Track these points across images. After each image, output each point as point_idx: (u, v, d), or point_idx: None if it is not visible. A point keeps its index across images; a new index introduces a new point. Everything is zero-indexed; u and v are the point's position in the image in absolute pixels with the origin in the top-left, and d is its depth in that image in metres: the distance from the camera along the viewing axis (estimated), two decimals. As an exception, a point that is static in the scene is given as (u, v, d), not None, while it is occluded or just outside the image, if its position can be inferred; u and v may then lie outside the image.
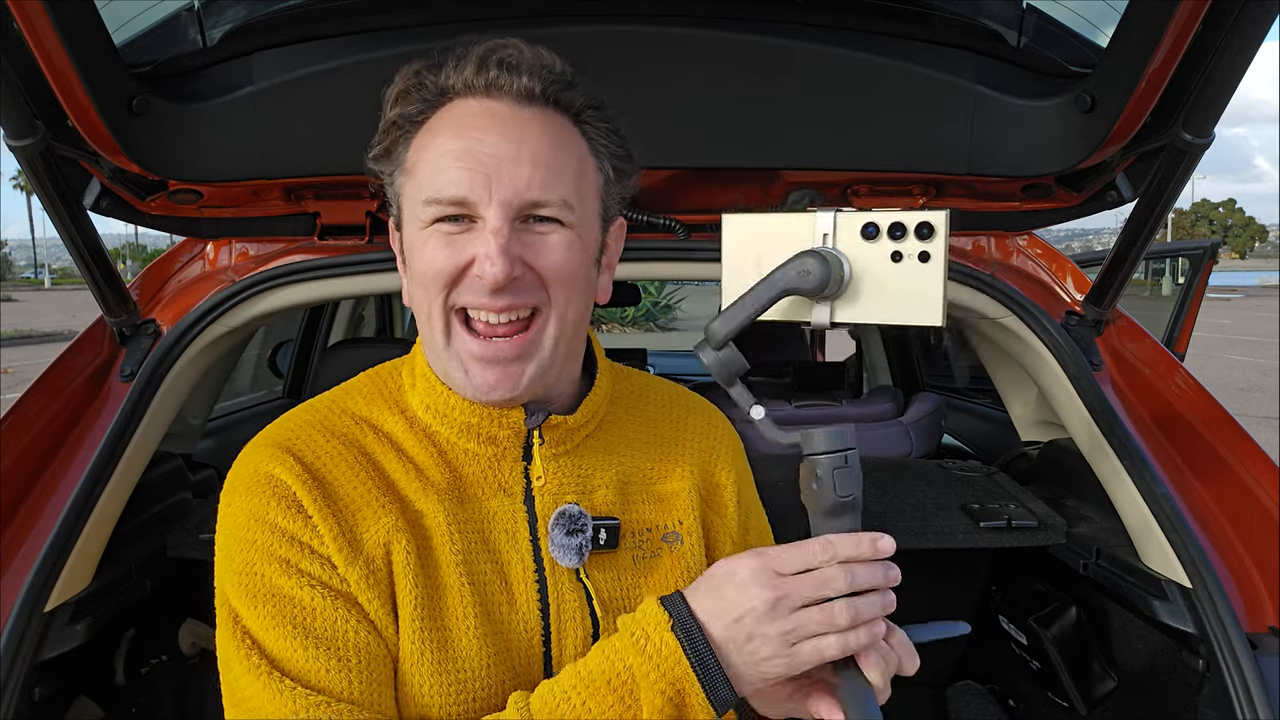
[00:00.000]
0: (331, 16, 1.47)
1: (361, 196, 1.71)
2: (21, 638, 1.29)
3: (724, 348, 0.91)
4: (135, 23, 1.39)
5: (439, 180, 0.90)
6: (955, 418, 2.98)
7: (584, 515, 0.98)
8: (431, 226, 0.91)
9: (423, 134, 0.94)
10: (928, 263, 0.88)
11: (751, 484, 1.20)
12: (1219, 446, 1.56)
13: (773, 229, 0.92)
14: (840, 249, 0.90)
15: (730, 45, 1.48)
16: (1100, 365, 1.65)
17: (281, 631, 0.86)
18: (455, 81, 0.92)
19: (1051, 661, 1.81)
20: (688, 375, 4.20)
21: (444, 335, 0.93)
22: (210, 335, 1.60)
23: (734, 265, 0.94)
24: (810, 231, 0.91)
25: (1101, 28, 1.43)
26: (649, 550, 1.04)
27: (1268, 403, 10.99)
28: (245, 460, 0.95)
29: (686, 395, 1.19)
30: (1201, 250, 3.52)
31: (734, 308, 0.91)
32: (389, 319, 4.17)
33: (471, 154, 0.89)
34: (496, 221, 0.89)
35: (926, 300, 0.89)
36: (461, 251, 0.90)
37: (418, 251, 0.93)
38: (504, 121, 0.91)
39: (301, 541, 0.89)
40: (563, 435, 1.01)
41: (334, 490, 0.93)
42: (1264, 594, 1.38)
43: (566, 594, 0.98)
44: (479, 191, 0.89)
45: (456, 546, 0.94)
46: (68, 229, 1.42)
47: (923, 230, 0.87)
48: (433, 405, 0.99)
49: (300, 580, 0.88)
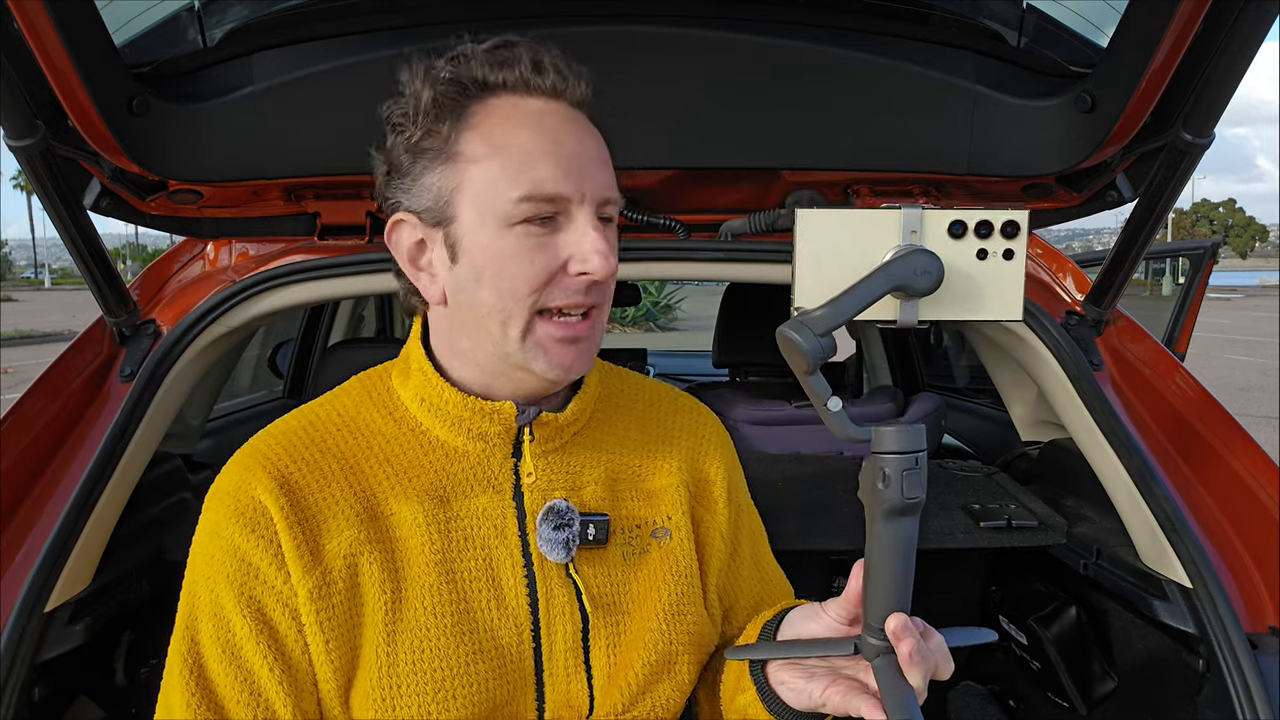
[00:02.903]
0: (331, 17, 1.47)
1: (361, 196, 1.71)
2: (21, 638, 1.29)
3: (826, 336, 0.88)
4: (135, 23, 1.39)
5: (533, 176, 0.90)
6: (955, 418, 2.98)
7: (571, 510, 0.99)
8: (518, 227, 0.91)
9: (481, 127, 0.93)
10: (1011, 260, 0.89)
11: (743, 484, 1.21)
12: (1219, 446, 1.56)
13: (854, 225, 0.91)
14: (927, 246, 0.89)
15: (730, 45, 1.48)
16: (1100, 365, 1.65)
17: (214, 650, 0.93)
18: (505, 77, 0.93)
19: (1051, 662, 1.81)
20: (688, 375, 4.21)
21: (522, 332, 0.94)
22: (210, 335, 1.59)
23: (810, 262, 0.91)
24: (896, 228, 0.89)
25: (1101, 28, 1.43)
26: (638, 547, 1.05)
27: (1268, 403, 10.99)
28: (225, 472, 0.99)
29: (675, 393, 1.20)
30: (1202, 250, 3.52)
31: (845, 297, 0.88)
32: (389, 319, 4.17)
33: (559, 153, 0.91)
34: (592, 218, 0.92)
35: (1007, 297, 0.90)
36: (555, 255, 0.92)
37: (500, 255, 0.92)
38: (573, 123, 0.94)
39: (254, 566, 0.93)
40: (552, 432, 1.02)
41: (305, 500, 0.95)
42: (1264, 594, 1.38)
43: (555, 589, 0.99)
44: (573, 187, 0.91)
45: (435, 546, 0.96)
46: (68, 229, 1.42)
47: (1008, 228, 0.88)
48: (427, 398, 1.00)
49: (240, 606, 0.93)
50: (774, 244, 1.66)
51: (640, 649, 1.02)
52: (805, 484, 1.92)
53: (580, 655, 1.01)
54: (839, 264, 0.90)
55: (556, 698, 1.00)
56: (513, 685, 0.98)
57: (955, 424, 2.96)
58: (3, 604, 1.31)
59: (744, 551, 1.18)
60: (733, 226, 1.75)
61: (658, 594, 1.04)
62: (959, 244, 0.89)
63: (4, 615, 1.30)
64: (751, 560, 1.19)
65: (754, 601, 1.18)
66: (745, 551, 1.18)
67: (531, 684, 0.99)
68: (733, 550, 1.16)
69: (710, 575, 1.12)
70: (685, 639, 1.05)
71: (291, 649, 0.93)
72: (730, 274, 1.71)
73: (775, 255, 1.64)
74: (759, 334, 2.64)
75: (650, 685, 1.02)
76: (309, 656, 0.93)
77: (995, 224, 0.88)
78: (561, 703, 1.00)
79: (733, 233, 1.75)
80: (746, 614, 1.17)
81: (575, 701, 1.00)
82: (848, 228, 0.90)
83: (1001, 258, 0.89)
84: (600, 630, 1.01)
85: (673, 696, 1.04)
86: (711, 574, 1.12)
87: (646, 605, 1.04)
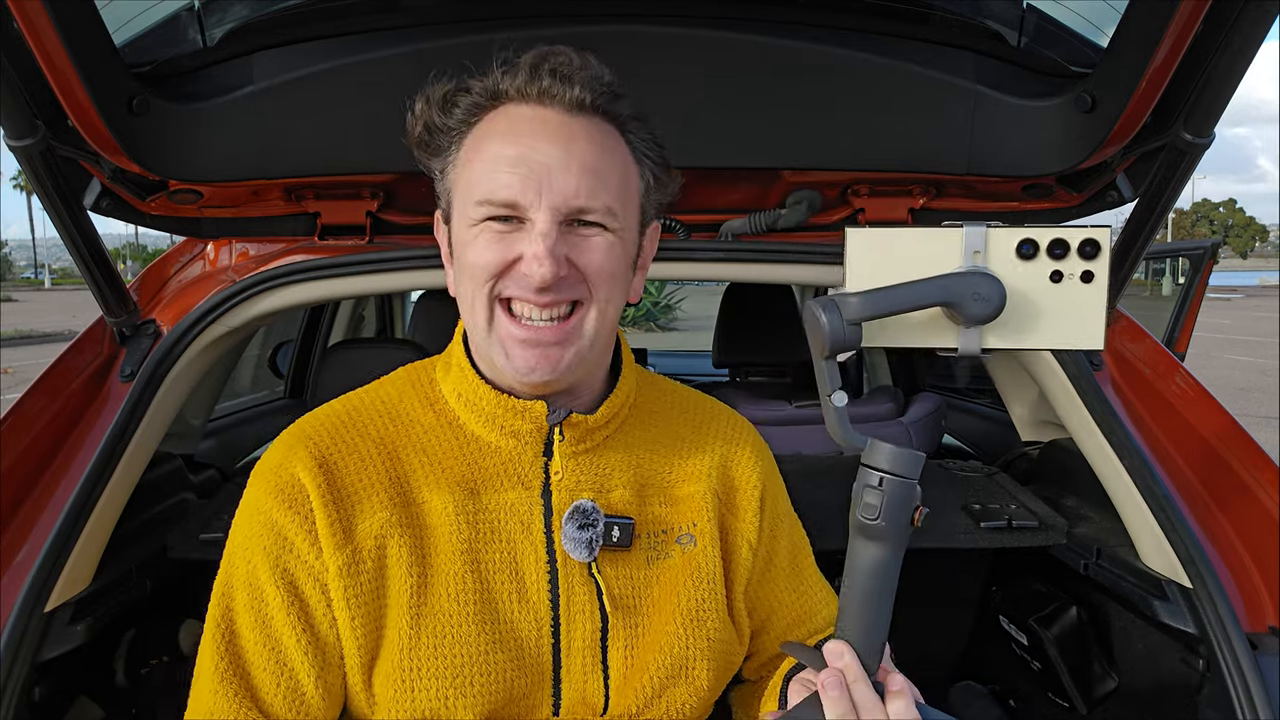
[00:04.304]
0: (331, 17, 1.47)
1: (361, 196, 1.71)
2: (21, 638, 1.29)
3: (854, 325, 0.82)
4: (135, 23, 1.40)
5: (492, 183, 0.93)
6: (955, 418, 2.98)
7: (596, 511, 1.01)
8: (482, 224, 0.95)
9: (475, 135, 0.97)
10: (1090, 283, 0.82)
11: (783, 494, 1.20)
12: (1219, 446, 1.56)
13: (909, 245, 0.83)
14: (992, 268, 0.82)
15: (730, 45, 1.48)
16: (1100, 365, 1.65)
17: (248, 618, 0.97)
18: (507, 86, 0.96)
19: (1052, 662, 1.81)
20: (688, 375, 4.20)
21: (487, 322, 0.97)
22: (210, 335, 1.59)
23: (861, 287, 0.83)
24: (958, 249, 0.82)
25: (1102, 28, 1.43)
26: (662, 551, 1.06)
27: (1268, 403, 10.99)
28: (270, 450, 1.03)
29: (712, 403, 1.20)
30: (1202, 250, 3.51)
31: (885, 293, 0.82)
32: (389, 319, 4.17)
33: (524, 160, 0.92)
34: (545, 225, 0.92)
35: (1087, 323, 0.82)
36: (510, 248, 0.94)
37: (467, 246, 0.96)
38: (554, 129, 0.94)
39: (289, 540, 0.97)
40: (583, 434, 1.04)
41: (341, 481, 0.99)
42: (1264, 594, 1.38)
43: (577, 587, 1.01)
44: (530, 196, 0.92)
45: (462, 536, 0.99)
46: (68, 229, 1.42)
47: (1087, 248, 0.81)
48: (464, 394, 1.04)
49: (274, 577, 0.97)
50: (774, 244, 1.66)
51: (657, 652, 1.02)
52: (806, 484, 1.92)
53: (598, 654, 1.01)
54: None
55: (573, 694, 1.01)
56: (530, 679, 0.99)
57: (955, 424, 2.96)
58: (3, 604, 1.31)
59: (780, 563, 1.17)
60: (733, 226, 1.75)
61: (677, 599, 1.04)
62: (1030, 265, 0.82)
63: (4, 615, 1.30)
64: (790, 571, 1.18)
65: (795, 615, 1.18)
66: (782, 563, 1.17)
67: (549, 679, 1.00)
68: (768, 561, 1.15)
69: (736, 584, 1.11)
70: (704, 645, 1.05)
71: (320, 622, 0.97)
72: (730, 274, 1.71)
73: (775, 255, 1.64)
74: (759, 334, 2.64)
75: (665, 688, 1.03)
76: (336, 631, 0.97)
77: (1072, 243, 0.81)
78: (577, 700, 1.01)
79: (733, 233, 1.75)
80: (785, 626, 1.17)
81: (591, 700, 1.01)
82: (902, 248, 0.83)
83: (1079, 280, 0.82)
84: (619, 631, 1.02)
85: (689, 701, 1.04)
86: (738, 582, 1.12)
87: (666, 609, 1.04)
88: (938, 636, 2.24)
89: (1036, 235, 0.82)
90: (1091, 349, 0.85)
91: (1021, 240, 0.82)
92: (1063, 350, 0.84)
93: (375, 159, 1.54)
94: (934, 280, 0.82)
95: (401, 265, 1.59)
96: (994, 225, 0.83)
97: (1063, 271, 0.82)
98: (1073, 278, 0.82)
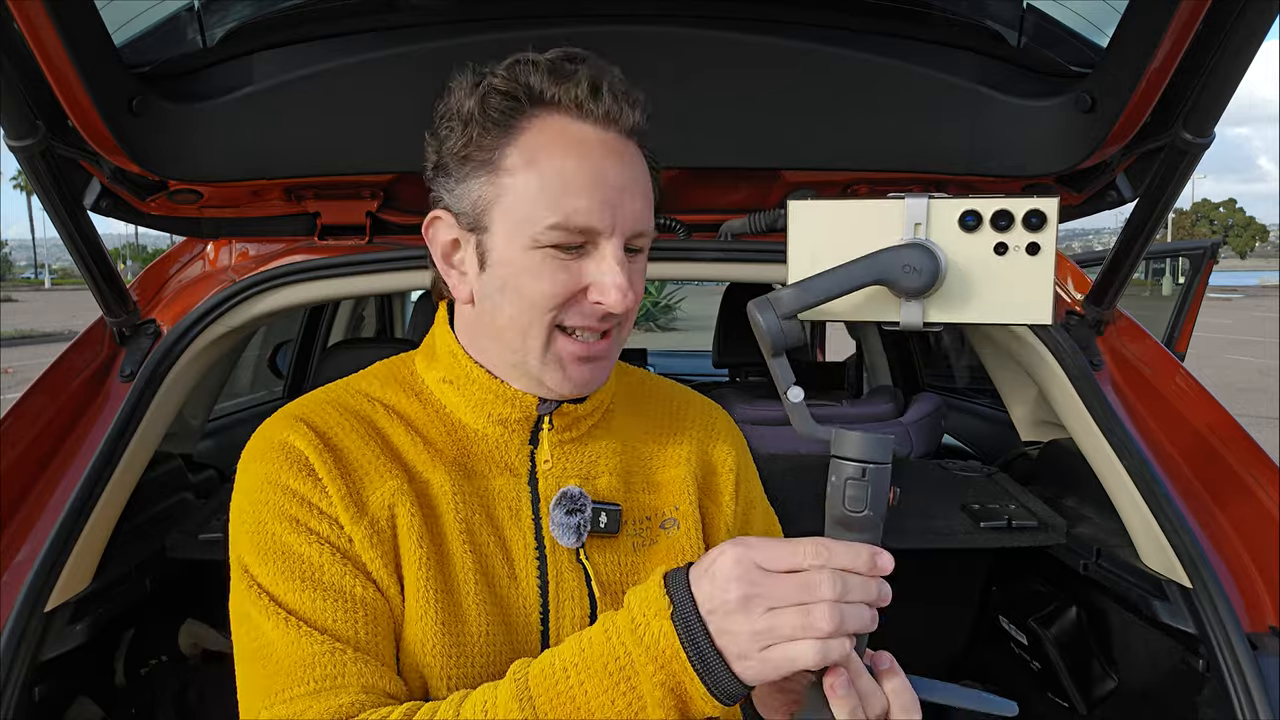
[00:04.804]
0: (331, 17, 1.47)
1: (361, 196, 1.71)
2: (21, 638, 1.29)
3: (791, 319, 0.82)
4: (135, 23, 1.40)
5: (567, 206, 0.90)
6: (955, 418, 2.98)
7: (584, 496, 1.01)
8: (546, 249, 0.91)
9: (524, 145, 0.92)
10: (1036, 255, 0.80)
11: (755, 480, 1.21)
12: (1219, 446, 1.56)
13: (851, 217, 0.82)
14: (935, 240, 0.81)
15: (730, 45, 1.48)
16: (1100, 365, 1.65)
17: (290, 585, 0.90)
18: (558, 93, 0.92)
19: (1052, 662, 1.81)
20: (688, 375, 4.20)
21: (542, 345, 0.96)
22: (210, 335, 1.59)
23: (803, 259, 0.84)
24: (899, 220, 0.81)
25: (1101, 28, 1.43)
26: (648, 538, 1.06)
27: (1268, 403, 10.99)
28: (262, 431, 1.00)
29: (687, 391, 1.22)
30: (1202, 250, 3.51)
31: (820, 279, 0.81)
32: (389, 319, 4.18)
33: (599, 185, 0.91)
34: (619, 253, 0.92)
35: (1033, 297, 0.80)
36: (576, 278, 0.93)
37: (523, 270, 0.93)
38: (620, 154, 0.93)
39: (310, 502, 0.93)
40: (570, 422, 1.04)
41: (344, 455, 0.97)
42: (1264, 594, 1.38)
43: (565, 573, 1.01)
44: (606, 223, 0.91)
45: (460, 515, 0.98)
46: (68, 229, 1.42)
47: (1032, 219, 0.79)
48: (454, 378, 1.03)
49: (308, 537, 0.92)
50: (774, 244, 1.66)
51: None
52: (804, 484, 1.92)
53: None
54: (835, 261, 0.82)
55: None
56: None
57: (955, 424, 2.96)
58: (3, 603, 1.31)
59: None
60: (733, 226, 1.75)
61: None
62: (973, 237, 0.80)
63: (4, 615, 1.30)
64: None
65: None
66: None
67: None
68: None
69: None
70: None
71: (365, 585, 0.92)
72: (730, 274, 1.71)
73: (775, 255, 1.64)
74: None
75: None
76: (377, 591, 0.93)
77: (1016, 215, 0.79)
78: None
79: (733, 233, 1.75)
80: None
81: None
82: (844, 220, 0.83)
83: (1025, 252, 0.80)
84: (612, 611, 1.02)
85: None
86: None
87: None
88: (937, 636, 2.24)
89: (980, 206, 0.80)
90: (1038, 323, 0.82)
91: (964, 211, 0.80)
92: (1008, 325, 0.82)
93: (375, 159, 1.54)
94: (862, 261, 0.80)
95: (401, 265, 1.59)
96: (935, 196, 0.81)
97: (1007, 244, 0.80)
98: (1018, 250, 0.80)
